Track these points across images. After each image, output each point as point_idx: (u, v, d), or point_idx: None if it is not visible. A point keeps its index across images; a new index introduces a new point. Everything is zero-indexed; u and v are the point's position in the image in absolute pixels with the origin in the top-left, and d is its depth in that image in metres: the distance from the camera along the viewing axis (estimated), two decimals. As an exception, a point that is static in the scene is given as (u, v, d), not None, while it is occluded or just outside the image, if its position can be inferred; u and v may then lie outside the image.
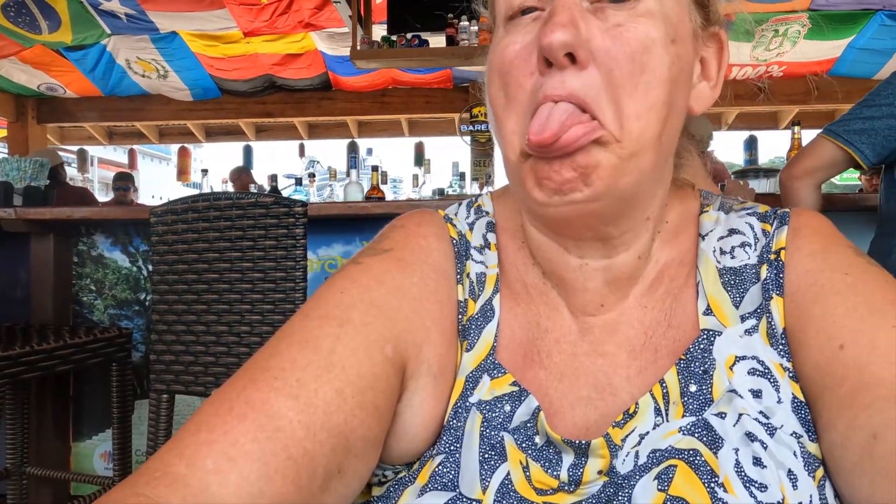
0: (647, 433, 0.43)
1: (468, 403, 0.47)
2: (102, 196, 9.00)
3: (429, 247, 0.52)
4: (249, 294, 1.34)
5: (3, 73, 4.47)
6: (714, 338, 0.46)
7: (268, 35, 3.93)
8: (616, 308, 0.49)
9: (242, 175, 4.90)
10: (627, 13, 0.41)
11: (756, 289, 0.47)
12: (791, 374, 0.44)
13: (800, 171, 1.48)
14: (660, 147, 0.43)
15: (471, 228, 0.55)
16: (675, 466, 0.41)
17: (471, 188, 3.52)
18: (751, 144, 4.86)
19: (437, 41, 3.35)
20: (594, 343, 0.49)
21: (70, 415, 2.30)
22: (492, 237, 0.54)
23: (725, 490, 0.39)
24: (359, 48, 3.20)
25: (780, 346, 0.44)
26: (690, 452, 0.41)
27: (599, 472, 0.43)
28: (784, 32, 3.85)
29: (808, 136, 1.65)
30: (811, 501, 0.39)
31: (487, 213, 0.56)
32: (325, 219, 2.17)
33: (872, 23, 3.72)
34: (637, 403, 0.44)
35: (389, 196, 3.75)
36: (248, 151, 5.64)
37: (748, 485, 0.39)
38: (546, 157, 0.41)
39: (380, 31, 3.50)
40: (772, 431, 0.41)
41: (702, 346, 0.45)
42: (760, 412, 0.42)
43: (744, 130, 5.25)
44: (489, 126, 0.50)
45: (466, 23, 3.18)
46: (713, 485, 0.40)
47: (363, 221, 2.22)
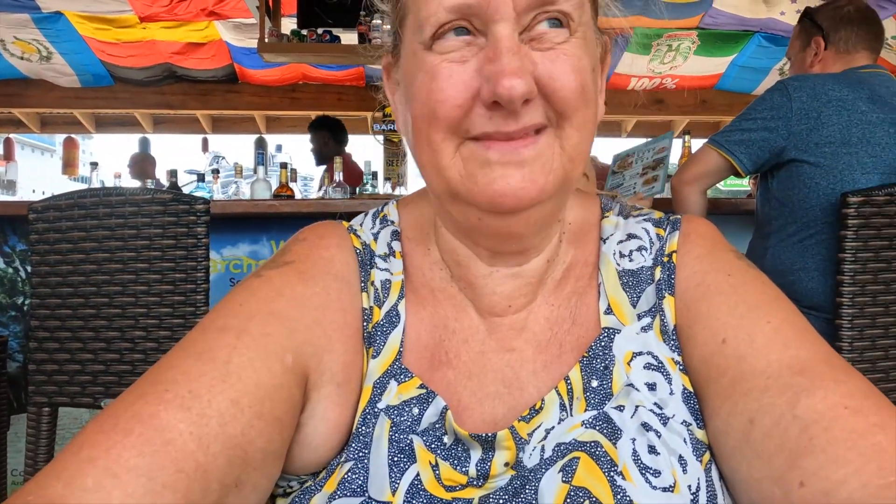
0: (553, 428, 0.45)
1: (376, 409, 0.47)
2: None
3: (331, 257, 0.52)
4: (144, 297, 1.26)
5: None
6: (614, 335, 0.49)
7: (167, 22, 3.70)
8: (524, 308, 0.52)
9: (145, 163, 4.59)
10: (564, 42, 0.43)
11: (651, 289, 0.50)
12: (681, 367, 0.47)
13: (689, 177, 1.60)
14: (585, 159, 0.46)
15: (375, 238, 0.56)
16: (579, 458, 0.43)
17: (383, 188, 3.50)
18: (648, 151, 5.18)
19: (349, 38, 3.30)
20: (502, 340, 0.51)
21: (-69, 434, 2.05)
22: (396, 245, 0.55)
23: (624, 478, 0.42)
24: (267, 41, 3.09)
25: (672, 342, 0.48)
26: (592, 444, 0.44)
27: (506, 465, 0.45)
28: (677, 48, 4.14)
29: (697, 145, 1.78)
30: (699, 483, 0.42)
31: (392, 223, 0.57)
32: (231, 217, 2.08)
33: (752, 43, 4.09)
34: (543, 400, 0.46)
35: (299, 195, 3.65)
36: (145, 144, 5.28)
37: (644, 472, 0.42)
38: (498, 172, 0.42)
39: (289, 25, 3.40)
40: (665, 421, 0.44)
41: (602, 344, 0.48)
42: (655, 403, 0.45)
43: (641, 137, 5.59)
44: (405, 140, 0.50)
45: (379, 21, 3.15)
46: (613, 473, 0.42)
47: (271, 220, 2.14)
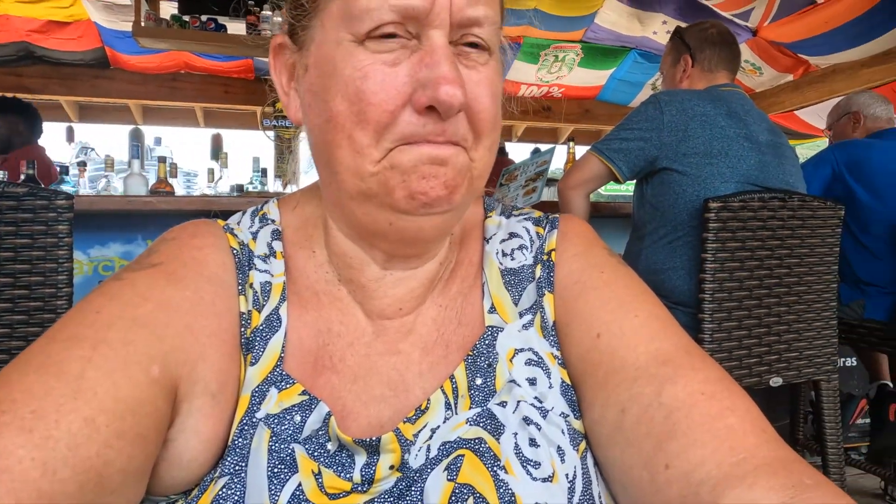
0: (438, 427, 0.45)
1: (255, 419, 0.44)
2: None
3: (204, 258, 0.48)
4: (-7, 303, 1.11)
5: None
6: (497, 333, 0.50)
7: (23, -5, 3.31)
8: (414, 311, 0.51)
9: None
10: (485, 65, 0.45)
11: (532, 287, 0.52)
12: (560, 362, 0.49)
13: (573, 182, 1.69)
14: (488, 176, 0.48)
15: (254, 237, 0.53)
16: (463, 456, 0.43)
17: (274, 185, 3.37)
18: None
19: (237, 27, 3.14)
20: (388, 343, 0.50)
21: None
22: (278, 245, 0.53)
23: (506, 471, 0.43)
24: (143, 24, 2.86)
25: (552, 338, 0.50)
26: (476, 441, 0.44)
27: (391, 468, 0.44)
28: (563, 59, 4.36)
29: (581, 151, 1.89)
30: (575, 472, 0.44)
31: (273, 221, 0.55)
32: (100, 214, 1.90)
33: (628, 59, 4.40)
34: (429, 400, 0.47)
35: (181, 191, 3.41)
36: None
37: (525, 464, 0.43)
38: (422, 174, 0.43)
39: (169, 9, 3.17)
40: (544, 414, 0.46)
41: (487, 342, 0.49)
42: (535, 398, 0.47)
43: (530, 143, 5.84)
44: (308, 130, 0.48)
45: (269, 13, 3.03)
46: (496, 468, 0.43)
47: (147, 218, 1.98)
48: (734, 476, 0.37)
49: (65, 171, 2.88)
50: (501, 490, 0.42)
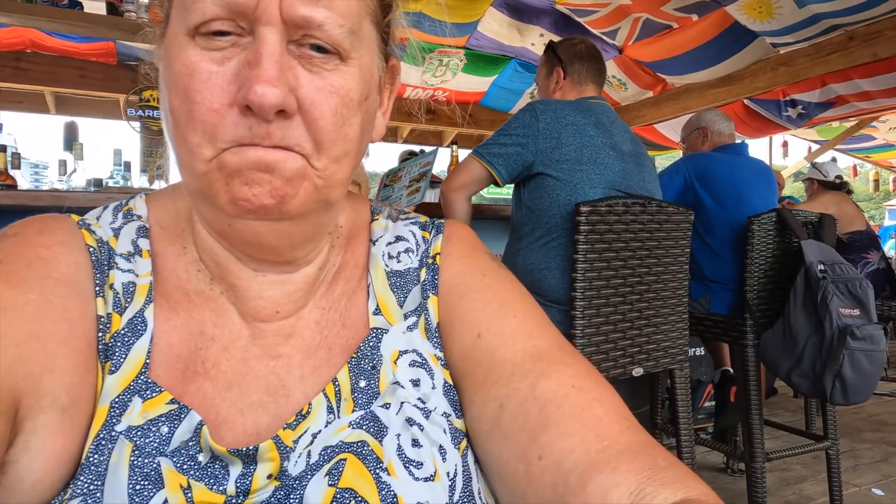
0: (320, 432, 0.44)
1: (114, 433, 0.41)
2: None
3: (53, 258, 0.44)
4: None
5: None
6: (382, 335, 0.50)
7: None
8: (294, 314, 0.50)
9: None
10: (333, 71, 0.42)
11: (417, 289, 0.53)
12: (443, 363, 0.50)
13: (456, 185, 1.73)
14: (346, 183, 0.47)
15: (116, 234, 0.49)
16: (345, 460, 0.43)
17: (139, 181, 3.10)
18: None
19: (96, 7, 2.86)
20: (267, 347, 0.48)
21: None
22: (144, 242, 0.49)
23: (389, 473, 0.43)
24: (-22, -6, 2.51)
25: (435, 339, 0.51)
26: (358, 444, 0.44)
27: (270, 477, 0.42)
28: (447, 63, 4.45)
29: (464, 154, 1.94)
30: (456, 469, 0.45)
31: (140, 217, 0.51)
32: (-80, 209, 1.64)
33: (509, 67, 4.58)
34: (310, 404, 0.45)
35: (25, 184, 3.04)
36: None
37: (407, 465, 0.44)
38: (246, 180, 0.40)
39: (12, -21, 2.81)
40: (427, 414, 0.47)
41: (371, 344, 0.49)
42: (419, 398, 0.48)
43: (415, 145, 5.88)
44: (163, 124, 0.45)
45: (135, -7, 2.79)
46: (378, 470, 0.43)
47: (-18, 214, 1.74)
48: (600, 462, 0.40)
49: None
50: (384, 492, 0.42)
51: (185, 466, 0.41)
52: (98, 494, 0.39)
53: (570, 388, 0.45)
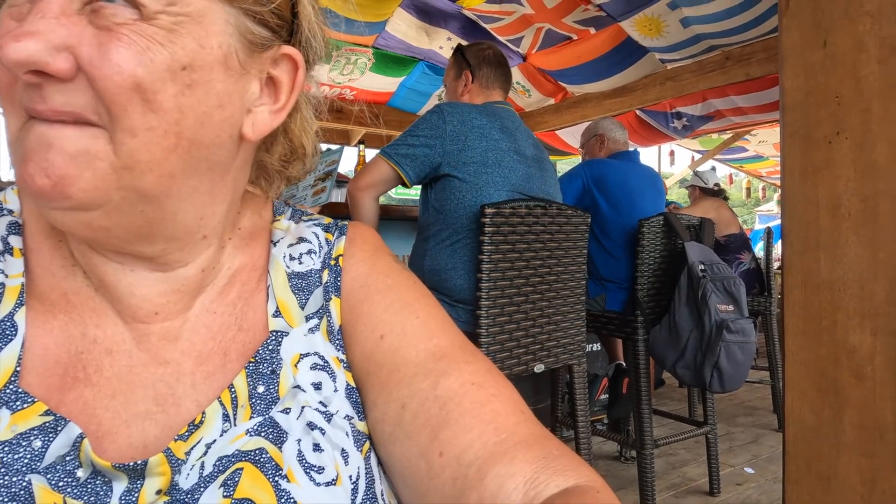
0: (214, 441, 0.42)
1: None
2: None
3: None
4: None
5: None
6: (282, 338, 0.48)
7: None
8: (178, 316, 0.47)
9: None
10: (126, 25, 0.36)
11: (319, 291, 0.51)
12: (345, 365, 0.50)
13: (363, 184, 1.71)
14: (173, 171, 0.40)
15: None
16: (242, 469, 0.41)
17: (10, 174, 2.81)
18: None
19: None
20: (154, 352, 0.45)
21: None
22: (16, 240, 0.45)
23: (288, 480, 0.42)
24: None
25: (338, 342, 0.50)
26: (256, 452, 0.42)
27: (159, 493, 0.40)
28: (355, 62, 4.40)
29: (371, 154, 1.92)
30: (358, 472, 0.45)
31: (11, 212, 0.46)
32: None
33: (417, 69, 4.60)
34: (204, 413, 0.43)
35: None
36: None
37: (308, 470, 0.43)
38: (25, 154, 0.36)
39: None
40: (329, 418, 0.46)
41: (270, 348, 0.47)
42: (320, 402, 0.46)
43: (322, 143, 5.76)
44: None
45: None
46: (277, 478, 0.41)
47: None
48: (497, 454, 0.41)
49: None
50: (283, 500, 0.41)
51: (62, 484, 0.38)
52: None
53: (470, 386, 0.45)
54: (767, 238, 3.60)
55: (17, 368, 0.40)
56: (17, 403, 0.39)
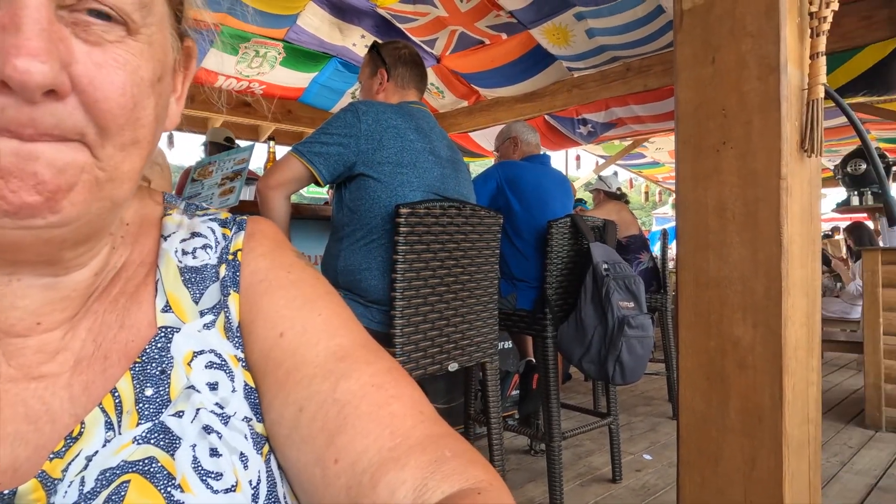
0: (96, 453, 0.39)
1: None
2: None
3: None
4: None
5: None
6: (172, 335, 0.45)
7: None
8: (61, 325, 0.43)
9: None
10: (117, 43, 0.36)
11: (215, 286, 0.48)
12: (244, 364, 0.47)
13: (274, 182, 1.65)
14: (137, 177, 0.41)
15: None
16: (129, 482, 0.38)
17: None
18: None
19: None
20: (26, 367, 0.41)
21: None
22: None
23: (182, 490, 0.39)
24: None
25: (236, 339, 0.47)
26: (145, 462, 0.39)
27: None
28: (264, 55, 4.24)
29: (282, 152, 1.86)
30: (259, 476, 0.43)
31: None
32: None
33: (330, 65, 4.51)
34: (83, 423, 0.39)
35: None
36: None
37: (205, 478, 0.40)
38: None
39: None
40: (226, 420, 0.43)
41: (159, 346, 0.44)
42: (217, 403, 0.44)
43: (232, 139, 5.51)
44: None
45: None
46: (170, 489, 0.39)
47: None
48: (390, 460, 0.40)
49: None
50: None
51: None
52: None
53: (370, 388, 0.44)
54: (663, 239, 3.85)
55: None
56: None
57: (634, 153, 7.53)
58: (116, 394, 0.41)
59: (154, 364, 0.43)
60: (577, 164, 8.35)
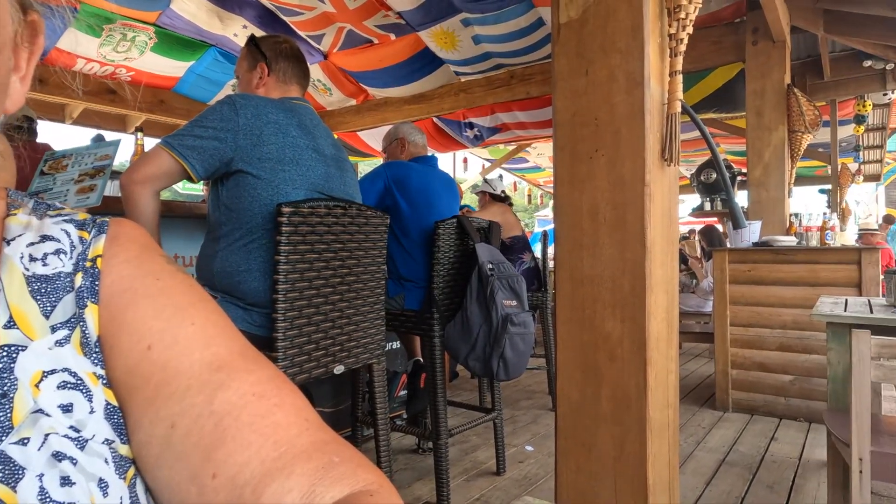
0: None
1: None
2: None
3: None
4: None
5: None
6: (17, 353, 0.40)
7: None
8: None
9: None
10: None
11: (70, 298, 0.43)
12: (105, 382, 0.43)
13: (140, 177, 1.52)
14: None
15: None
16: None
17: None
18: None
19: None
20: None
21: None
22: None
23: None
24: None
25: (95, 355, 0.43)
26: None
27: None
28: (132, 39, 3.91)
29: (151, 144, 1.72)
30: (121, 503, 0.39)
31: None
32: None
33: (208, 55, 4.26)
34: None
35: None
36: None
37: None
38: None
39: None
40: (82, 445, 0.39)
41: (1, 366, 0.39)
42: (71, 427, 0.39)
43: (92, 128, 5.03)
44: None
45: None
46: None
47: None
48: (275, 469, 0.39)
49: None
50: None
51: None
52: None
53: (251, 398, 0.42)
54: (544, 240, 4.05)
55: None
56: None
57: (518, 157, 7.86)
58: None
59: None
60: (465, 167, 8.56)
